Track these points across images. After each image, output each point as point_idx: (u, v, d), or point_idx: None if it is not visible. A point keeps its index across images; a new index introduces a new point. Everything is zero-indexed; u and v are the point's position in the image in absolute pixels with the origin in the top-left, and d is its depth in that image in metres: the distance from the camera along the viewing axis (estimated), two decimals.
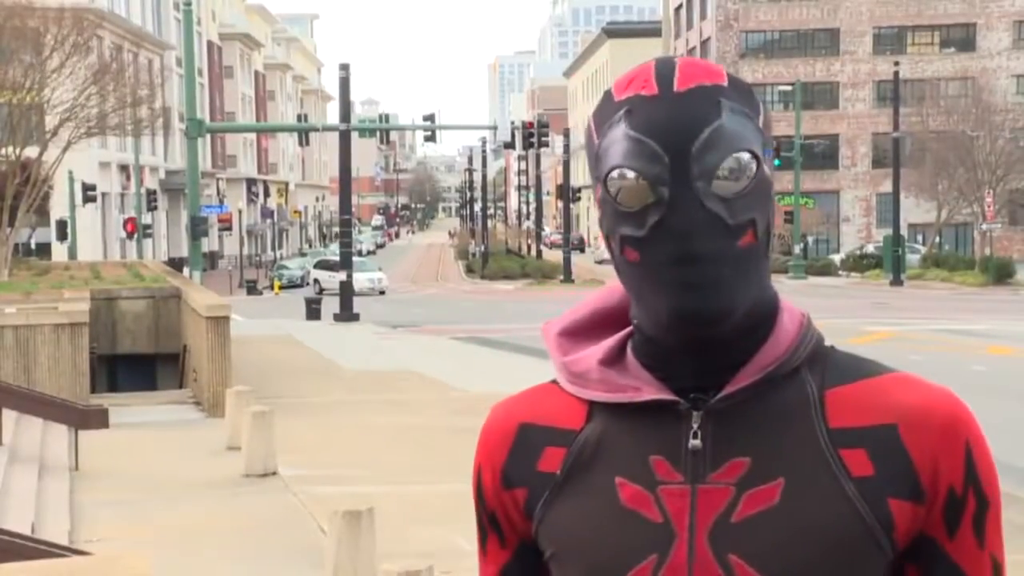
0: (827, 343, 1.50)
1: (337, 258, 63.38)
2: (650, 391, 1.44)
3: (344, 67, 38.22)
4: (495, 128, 56.23)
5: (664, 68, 1.42)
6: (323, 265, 61.07)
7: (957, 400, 1.44)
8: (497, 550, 1.57)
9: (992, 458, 1.46)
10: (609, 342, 1.49)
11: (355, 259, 62.04)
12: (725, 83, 1.42)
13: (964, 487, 1.42)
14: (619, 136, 1.40)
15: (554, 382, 1.55)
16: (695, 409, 1.43)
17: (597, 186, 1.44)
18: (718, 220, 1.37)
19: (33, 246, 48.46)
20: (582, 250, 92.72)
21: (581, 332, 1.54)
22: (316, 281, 59.31)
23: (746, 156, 1.39)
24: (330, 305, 38.83)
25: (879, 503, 1.40)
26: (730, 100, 1.40)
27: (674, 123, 1.38)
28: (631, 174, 1.38)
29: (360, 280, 53.32)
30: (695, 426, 1.42)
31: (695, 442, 1.42)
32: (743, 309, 1.40)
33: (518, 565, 1.56)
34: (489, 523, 1.57)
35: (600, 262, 75.11)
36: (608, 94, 1.45)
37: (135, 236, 58.51)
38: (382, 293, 53.58)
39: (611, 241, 1.43)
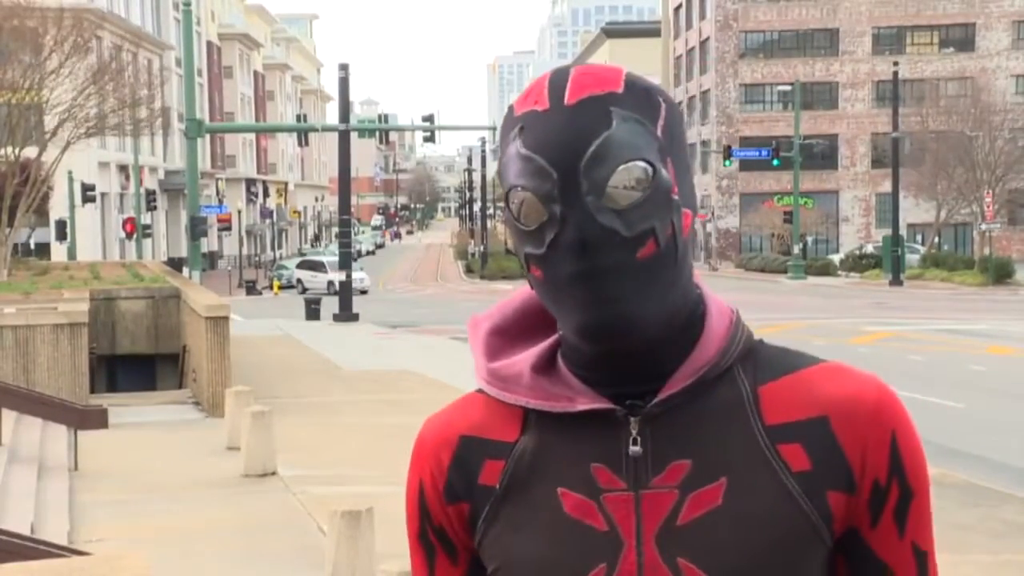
0: (756, 337, 1.49)
1: (319, 258, 66.40)
2: (585, 400, 1.42)
3: (343, 67, 38.24)
4: (494, 128, 56.17)
5: (556, 81, 1.40)
6: (305, 265, 62.48)
7: (884, 388, 1.44)
8: (448, 568, 1.53)
9: (920, 447, 1.45)
10: (540, 348, 1.47)
11: (332, 257, 63.74)
12: (620, 90, 1.39)
13: (888, 477, 1.42)
14: (513, 154, 1.39)
15: (480, 391, 1.52)
16: (632, 415, 1.41)
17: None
18: (613, 234, 1.35)
19: (32, 246, 48.41)
20: None
21: (512, 330, 1.51)
22: (299, 281, 60.11)
23: (638, 165, 1.36)
24: (330, 305, 38.82)
25: (819, 496, 1.40)
26: (623, 108, 1.38)
27: (562, 138, 1.36)
28: (526, 193, 1.37)
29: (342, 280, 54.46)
30: (634, 432, 1.41)
31: (635, 448, 1.41)
32: (656, 319, 1.38)
33: None
34: (438, 539, 1.52)
35: None
36: (510, 109, 1.44)
37: (134, 236, 58.49)
38: (363, 293, 53.70)
39: (519, 258, 1.42)
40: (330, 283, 55.59)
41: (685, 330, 1.43)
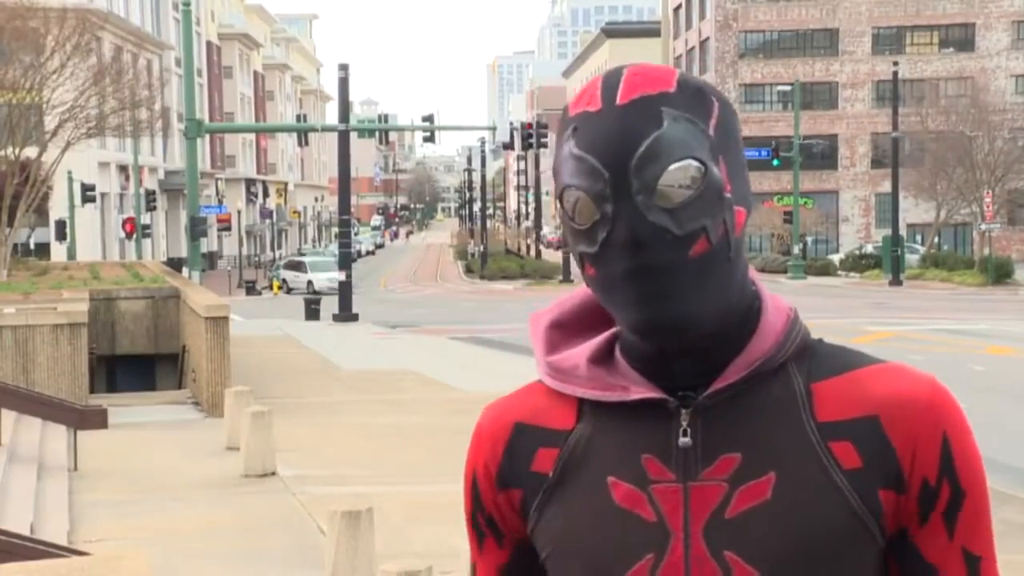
0: (815, 336, 1.50)
1: (301, 258, 68.16)
2: (639, 390, 1.45)
3: (343, 67, 38.24)
4: (494, 128, 56.22)
5: (609, 82, 1.42)
6: (289, 265, 64.51)
7: (938, 388, 1.44)
8: (495, 551, 1.57)
9: (975, 449, 1.45)
10: (597, 340, 1.50)
11: (318, 259, 66.64)
12: (672, 89, 1.41)
13: (938, 477, 1.42)
14: (567, 154, 1.42)
15: (540, 381, 1.55)
16: (684, 407, 1.43)
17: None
18: (664, 232, 1.37)
19: (32, 246, 48.40)
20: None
21: (570, 325, 1.54)
22: (284, 281, 61.37)
23: (689, 164, 1.38)
24: (329, 305, 38.83)
25: (870, 494, 1.41)
26: (674, 107, 1.40)
27: (613, 138, 1.38)
28: (579, 193, 1.39)
29: (320, 279, 57.38)
30: (684, 424, 1.43)
31: (685, 440, 1.42)
32: (710, 316, 1.40)
33: (517, 565, 1.56)
34: (487, 525, 1.56)
35: None
36: (565, 110, 1.46)
37: (134, 236, 58.51)
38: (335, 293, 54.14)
39: (574, 257, 1.44)
40: (309, 282, 57.62)
41: (740, 326, 1.45)
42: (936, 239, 63.45)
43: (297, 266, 62.77)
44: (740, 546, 1.39)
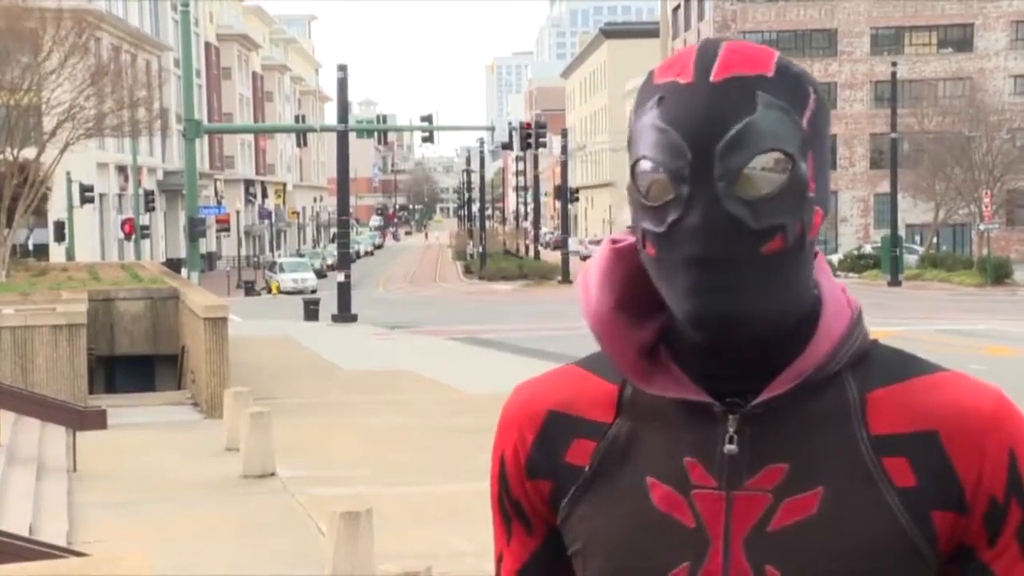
0: (871, 338, 1.41)
1: (279, 259, 70.19)
2: (686, 390, 1.37)
3: (342, 68, 38.23)
4: (493, 129, 56.26)
5: (705, 54, 1.33)
6: (272, 267, 67.18)
7: (1003, 400, 1.36)
8: (524, 539, 1.50)
9: None
10: (646, 333, 1.41)
11: (287, 259, 70.17)
12: (770, 73, 1.33)
13: (1007, 496, 1.34)
14: (648, 124, 1.33)
15: (578, 365, 1.49)
16: (731, 412, 1.36)
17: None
18: (739, 223, 1.29)
19: (31, 247, 48.40)
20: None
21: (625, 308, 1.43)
22: (267, 281, 63.70)
23: (777, 157, 1.30)
24: (329, 306, 38.83)
25: (922, 515, 1.33)
26: (769, 93, 1.31)
27: (702, 117, 1.29)
28: (654, 167, 1.31)
29: (285, 280, 60.46)
30: (731, 430, 1.36)
31: (731, 447, 1.35)
32: (769, 317, 1.32)
33: (546, 554, 1.50)
34: (514, 511, 1.50)
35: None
36: (650, 75, 1.37)
37: (133, 237, 58.50)
38: (313, 292, 55.06)
39: (636, 233, 1.37)
40: (291, 281, 60.26)
41: (797, 330, 1.36)
42: (935, 239, 63.43)
43: (278, 267, 65.13)
44: (782, 561, 1.32)
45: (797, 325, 1.36)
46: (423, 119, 48.08)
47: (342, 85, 38.30)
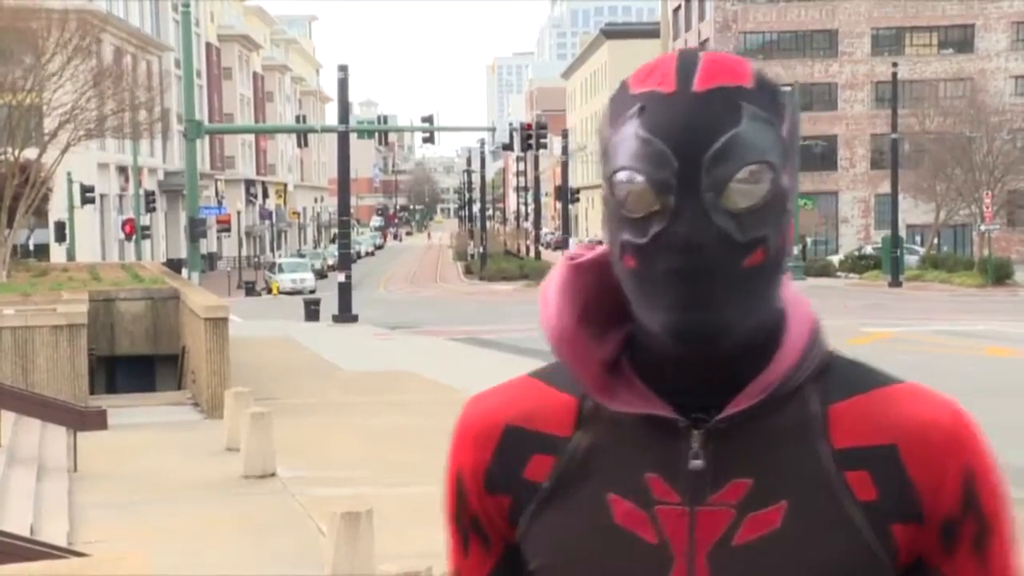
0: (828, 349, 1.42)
1: (281, 260, 70.80)
2: (650, 405, 1.36)
3: (342, 68, 38.25)
4: (493, 129, 56.33)
5: (685, 63, 1.32)
6: (271, 267, 68.16)
7: (960, 415, 1.37)
8: (482, 555, 1.48)
9: (999, 477, 1.38)
10: (610, 346, 1.39)
11: (286, 260, 71.24)
12: (749, 84, 1.31)
13: (963, 510, 1.35)
14: (630, 134, 1.30)
15: (535, 377, 1.46)
16: (695, 428, 1.35)
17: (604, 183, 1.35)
18: (725, 236, 1.28)
19: (31, 247, 48.42)
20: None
21: (590, 321, 1.41)
22: (266, 282, 64.44)
23: (762, 169, 1.29)
24: (329, 306, 38.84)
25: (883, 528, 1.34)
26: (752, 104, 1.30)
27: (688, 127, 1.28)
28: (638, 177, 1.29)
29: (284, 280, 61.11)
30: (695, 446, 1.35)
31: (696, 463, 1.34)
32: (744, 329, 1.32)
33: (504, 571, 1.48)
34: (472, 527, 1.47)
35: None
36: (625, 85, 1.35)
37: (133, 237, 58.53)
38: (312, 292, 55.28)
39: (612, 244, 1.34)
40: (289, 281, 61.05)
41: (763, 344, 1.35)
42: (936, 240, 63.44)
43: (277, 267, 65.87)
44: (745, 575, 1.32)
45: (767, 338, 1.36)
46: (424, 120, 48.12)
47: (343, 85, 38.31)
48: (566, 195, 66.83)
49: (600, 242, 1.45)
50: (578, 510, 1.38)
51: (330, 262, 73.97)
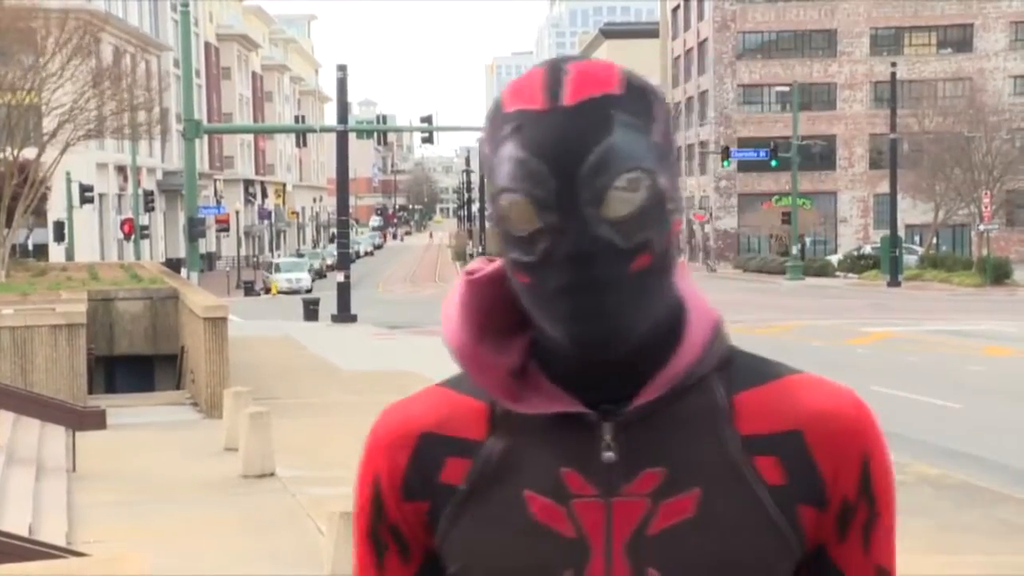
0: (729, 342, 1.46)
1: (278, 260, 71.21)
2: (559, 404, 1.38)
3: (341, 68, 38.24)
4: None
5: (552, 78, 1.33)
6: (268, 267, 68.99)
7: (861, 405, 1.42)
8: (400, 567, 1.48)
9: (890, 467, 1.44)
10: (512, 355, 1.41)
11: (283, 260, 71.60)
12: (618, 91, 1.33)
13: (858, 495, 1.41)
14: (507, 155, 1.32)
15: (445, 386, 1.48)
16: (605, 420, 1.37)
17: (488, 203, 1.38)
18: (610, 245, 1.30)
19: (30, 247, 48.42)
20: None
21: (489, 328, 1.43)
22: (263, 281, 65.06)
23: (639, 175, 1.31)
24: (328, 306, 38.85)
25: (791, 511, 1.38)
26: (623, 111, 1.32)
27: (561, 143, 1.29)
28: (519, 197, 1.31)
29: (280, 280, 61.60)
30: (607, 438, 1.37)
31: (608, 455, 1.37)
32: (642, 329, 1.35)
33: None
34: (391, 535, 1.47)
35: None
36: (498, 104, 1.36)
37: (132, 237, 58.51)
38: (308, 292, 55.52)
39: (505, 262, 1.37)
40: (285, 281, 61.74)
41: (664, 339, 1.39)
42: (934, 240, 63.47)
43: (273, 267, 66.46)
44: (663, 562, 1.35)
45: (667, 333, 1.39)
46: (423, 119, 48.10)
47: (342, 85, 38.31)
48: None
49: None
50: (495, 511, 1.40)
51: (329, 262, 74.02)
